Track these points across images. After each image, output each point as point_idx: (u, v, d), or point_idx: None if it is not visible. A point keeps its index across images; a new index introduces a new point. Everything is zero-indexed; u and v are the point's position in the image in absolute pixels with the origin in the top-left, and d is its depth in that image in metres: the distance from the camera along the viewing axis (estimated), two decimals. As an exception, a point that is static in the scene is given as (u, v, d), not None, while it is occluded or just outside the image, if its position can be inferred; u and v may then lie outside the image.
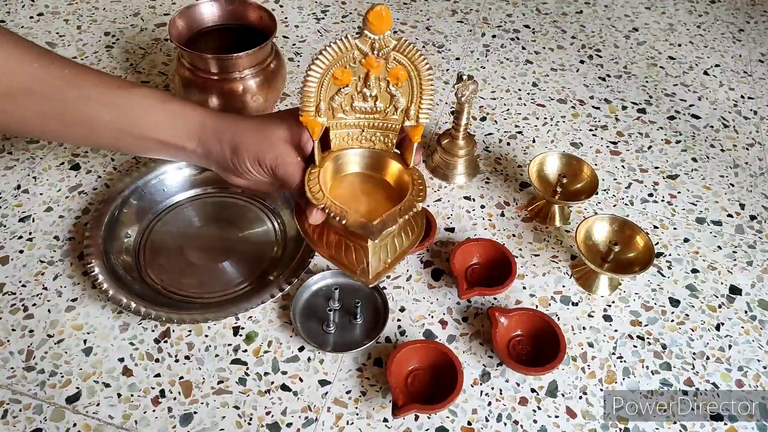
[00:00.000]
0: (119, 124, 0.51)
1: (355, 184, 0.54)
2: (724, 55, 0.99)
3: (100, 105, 0.51)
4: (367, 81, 0.49)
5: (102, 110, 0.51)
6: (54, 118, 0.50)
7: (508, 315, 0.58)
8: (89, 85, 0.51)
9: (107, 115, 0.51)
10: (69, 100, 0.50)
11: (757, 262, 0.69)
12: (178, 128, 0.52)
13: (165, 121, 0.52)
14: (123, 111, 0.51)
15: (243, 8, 0.74)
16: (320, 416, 0.54)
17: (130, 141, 0.53)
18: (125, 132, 0.52)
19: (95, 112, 0.51)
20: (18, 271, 0.62)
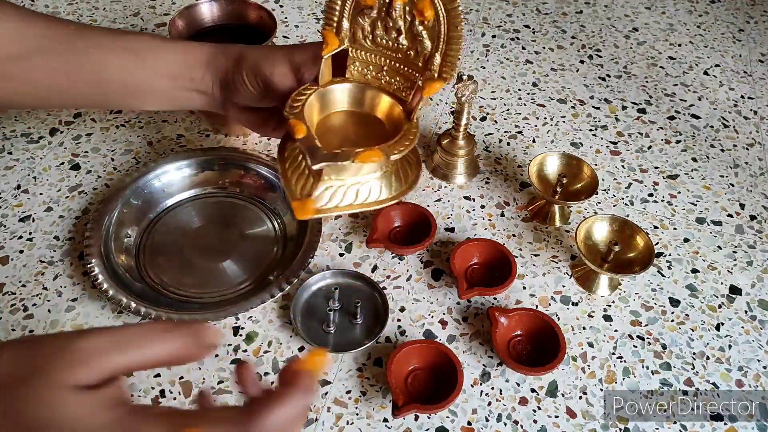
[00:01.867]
0: (129, 66, 0.52)
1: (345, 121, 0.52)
2: (724, 55, 0.99)
3: (108, 50, 0.51)
4: (391, 8, 0.46)
5: (110, 54, 0.51)
6: (62, 72, 0.50)
7: (508, 315, 0.58)
8: (96, 34, 0.51)
9: (116, 58, 0.51)
10: (77, 49, 0.50)
11: (757, 262, 0.69)
12: (188, 59, 0.53)
13: (174, 55, 0.53)
14: (132, 52, 0.52)
15: (243, 8, 0.74)
16: (320, 416, 0.54)
17: (140, 83, 0.53)
18: (135, 73, 0.52)
19: (104, 57, 0.51)
20: (18, 271, 0.62)
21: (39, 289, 0.61)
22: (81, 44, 0.50)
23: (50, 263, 0.63)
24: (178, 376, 0.55)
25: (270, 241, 0.66)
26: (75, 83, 0.51)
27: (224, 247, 0.65)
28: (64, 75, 0.50)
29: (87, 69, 0.51)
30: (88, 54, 0.50)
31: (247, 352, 0.57)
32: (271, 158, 0.71)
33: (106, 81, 0.52)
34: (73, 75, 0.51)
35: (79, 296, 0.60)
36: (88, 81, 0.52)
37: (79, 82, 0.51)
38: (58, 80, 0.50)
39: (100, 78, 0.51)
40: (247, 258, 0.64)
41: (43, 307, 0.59)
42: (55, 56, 0.49)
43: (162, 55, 0.52)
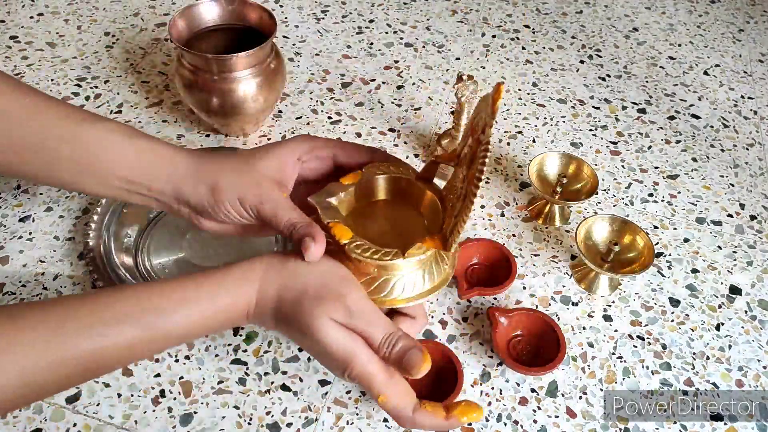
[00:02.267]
0: (82, 159, 0.48)
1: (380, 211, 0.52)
2: (724, 55, 0.99)
3: (61, 140, 0.47)
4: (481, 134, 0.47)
5: (62, 145, 0.47)
6: (12, 151, 0.47)
7: (508, 315, 0.58)
8: (51, 117, 0.47)
9: (68, 150, 0.47)
10: (27, 133, 0.46)
11: (757, 262, 0.69)
12: (145, 165, 0.48)
13: (131, 156, 0.48)
14: (85, 146, 0.47)
15: (243, 8, 0.74)
16: (320, 416, 0.54)
17: (92, 179, 0.49)
18: (87, 168, 0.48)
19: (55, 146, 0.47)
20: (18, 271, 0.62)
21: (39, 289, 0.61)
22: (32, 127, 0.47)
23: (50, 263, 0.63)
24: (178, 376, 0.55)
25: (270, 241, 0.66)
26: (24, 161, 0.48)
27: (224, 247, 0.65)
28: (15, 154, 0.47)
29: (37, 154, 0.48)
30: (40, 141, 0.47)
31: (247, 352, 0.57)
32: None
33: (56, 169, 0.48)
34: (22, 154, 0.48)
35: (79, 296, 0.60)
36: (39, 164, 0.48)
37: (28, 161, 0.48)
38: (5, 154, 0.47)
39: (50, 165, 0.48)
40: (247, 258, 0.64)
41: (43, 307, 0.59)
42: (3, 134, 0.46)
43: (117, 156, 0.48)
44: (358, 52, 0.93)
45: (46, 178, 0.49)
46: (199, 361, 0.56)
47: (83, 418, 0.52)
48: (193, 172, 0.48)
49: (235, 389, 0.55)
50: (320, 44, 0.94)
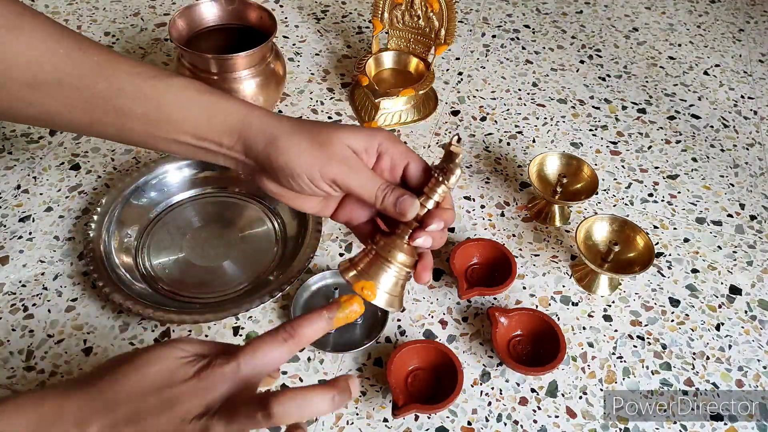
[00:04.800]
0: (152, 117, 0.47)
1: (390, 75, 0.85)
2: (724, 55, 0.99)
3: (131, 98, 0.46)
4: (413, 4, 0.79)
5: (134, 103, 0.46)
6: (82, 110, 0.47)
7: (508, 315, 0.58)
8: (121, 75, 0.46)
9: (139, 107, 0.47)
10: (98, 92, 0.46)
11: (757, 262, 0.69)
12: (216, 121, 0.47)
13: (203, 113, 0.47)
14: (156, 103, 0.47)
15: (243, 8, 0.74)
16: (320, 416, 0.54)
17: (163, 136, 0.48)
18: (158, 126, 0.47)
19: (126, 104, 0.46)
20: (18, 271, 0.62)
21: (39, 289, 0.61)
22: (102, 86, 0.46)
23: (50, 263, 0.63)
24: (178, 376, 0.55)
25: (270, 241, 0.66)
26: (95, 122, 0.48)
27: (224, 247, 0.65)
28: (84, 112, 0.47)
29: (108, 113, 0.47)
30: (110, 99, 0.46)
31: (247, 352, 0.57)
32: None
33: (128, 128, 0.48)
34: (93, 114, 0.47)
35: (79, 296, 0.60)
36: (109, 123, 0.48)
37: (99, 121, 0.48)
38: (77, 115, 0.47)
39: (122, 123, 0.47)
40: (247, 258, 0.64)
41: (43, 307, 0.59)
42: (73, 92, 0.46)
43: (188, 112, 0.47)
44: (358, 52, 0.93)
45: (118, 137, 0.49)
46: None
47: (83, 418, 0.52)
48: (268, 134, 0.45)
49: (235, 389, 0.55)
50: (320, 44, 0.94)
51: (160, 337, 0.58)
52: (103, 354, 0.56)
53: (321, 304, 0.59)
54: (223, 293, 0.61)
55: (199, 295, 0.61)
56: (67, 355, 0.56)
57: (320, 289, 0.62)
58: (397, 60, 0.85)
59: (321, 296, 0.61)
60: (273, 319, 0.60)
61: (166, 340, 0.39)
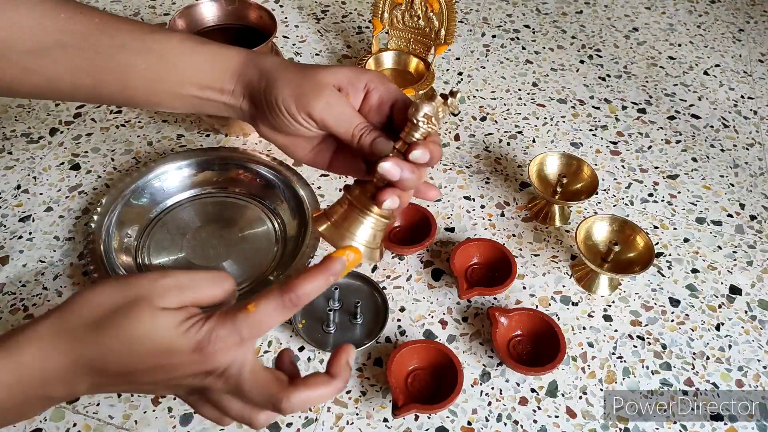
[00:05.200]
0: (156, 70, 0.48)
1: None
2: (724, 55, 0.99)
3: (134, 52, 0.47)
4: (413, 4, 0.79)
5: (137, 57, 0.47)
6: (86, 72, 0.47)
7: (508, 315, 0.58)
8: (122, 32, 0.47)
9: (143, 62, 0.47)
10: (101, 49, 0.46)
11: (757, 262, 0.69)
12: (218, 68, 0.48)
13: (205, 61, 0.48)
14: (159, 56, 0.48)
15: (243, 8, 0.74)
16: (320, 416, 0.54)
17: (167, 89, 0.49)
18: (162, 78, 0.48)
19: (130, 59, 0.47)
20: (18, 271, 0.62)
21: (39, 289, 0.61)
22: (105, 43, 0.47)
23: (50, 263, 0.63)
24: (178, 376, 0.55)
25: (270, 241, 0.66)
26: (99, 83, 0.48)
27: (224, 247, 0.65)
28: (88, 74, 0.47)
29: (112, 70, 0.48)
30: (113, 56, 0.47)
31: (247, 352, 0.57)
32: (271, 158, 0.71)
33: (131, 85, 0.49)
34: (97, 75, 0.47)
35: (79, 296, 0.60)
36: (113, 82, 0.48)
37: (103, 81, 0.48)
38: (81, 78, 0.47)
39: (125, 81, 0.48)
40: (247, 258, 0.64)
41: (43, 307, 0.59)
42: (77, 53, 0.46)
43: (191, 62, 0.48)
44: (358, 52, 0.93)
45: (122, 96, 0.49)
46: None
47: (83, 418, 0.52)
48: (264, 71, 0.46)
49: (235, 389, 0.55)
50: (320, 44, 0.94)
51: (160, 337, 0.58)
52: (103, 354, 0.56)
53: (321, 304, 0.60)
54: (223, 293, 0.61)
55: (199, 295, 0.61)
56: (67, 355, 0.56)
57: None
58: (397, 60, 0.85)
59: (321, 296, 0.61)
60: (273, 319, 0.60)
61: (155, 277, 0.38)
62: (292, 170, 0.70)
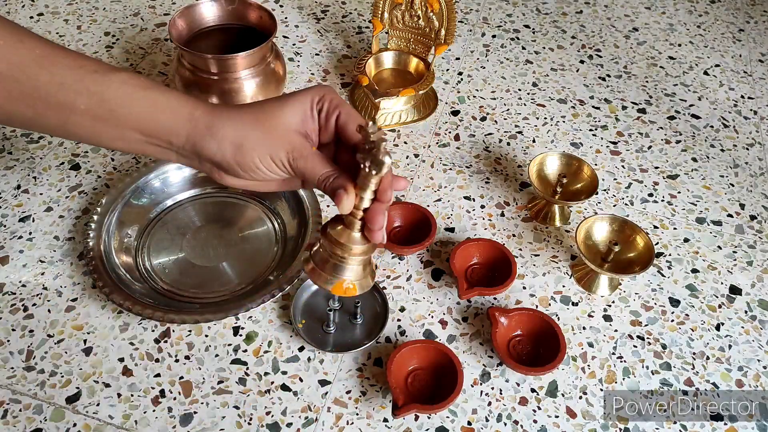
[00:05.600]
0: (96, 112, 0.46)
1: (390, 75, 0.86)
2: (724, 55, 0.99)
3: (74, 92, 0.45)
4: (413, 4, 0.79)
5: (77, 97, 0.45)
6: (24, 103, 0.45)
7: (508, 315, 0.58)
8: (62, 69, 0.45)
9: (82, 103, 0.45)
10: (41, 85, 0.45)
11: (757, 262, 0.69)
12: (162, 120, 0.46)
13: (146, 110, 0.46)
14: (99, 99, 0.46)
15: (243, 8, 0.74)
16: (320, 416, 0.54)
17: (110, 132, 0.47)
18: (103, 122, 0.46)
19: (69, 98, 0.45)
20: (18, 271, 0.62)
21: (39, 289, 0.61)
22: (44, 79, 0.45)
23: (50, 263, 0.63)
24: (178, 376, 0.55)
25: (270, 241, 0.66)
26: (38, 116, 0.46)
27: (224, 247, 0.65)
28: (27, 105, 0.46)
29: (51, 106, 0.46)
30: (52, 93, 0.45)
31: (247, 352, 0.57)
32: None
33: (72, 122, 0.47)
34: (36, 108, 0.46)
35: (79, 296, 0.60)
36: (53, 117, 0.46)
37: (42, 115, 0.46)
38: (19, 108, 0.46)
39: (65, 118, 0.46)
40: (247, 258, 0.64)
41: (43, 307, 0.59)
42: (15, 84, 0.45)
43: (131, 108, 0.46)
44: (358, 52, 0.93)
45: (63, 132, 0.48)
46: (199, 361, 0.56)
47: (83, 418, 0.52)
48: (216, 131, 0.46)
49: (235, 389, 0.55)
50: (320, 44, 0.94)
51: (160, 338, 0.58)
52: (104, 354, 0.56)
53: (321, 304, 0.60)
54: (223, 293, 0.61)
55: (199, 295, 0.61)
56: (67, 355, 0.56)
57: (320, 289, 0.62)
58: (397, 60, 0.86)
59: (321, 296, 0.61)
60: (273, 319, 0.60)
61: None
62: (292, 170, 0.70)
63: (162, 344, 0.57)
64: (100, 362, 0.56)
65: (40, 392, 0.54)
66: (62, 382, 0.54)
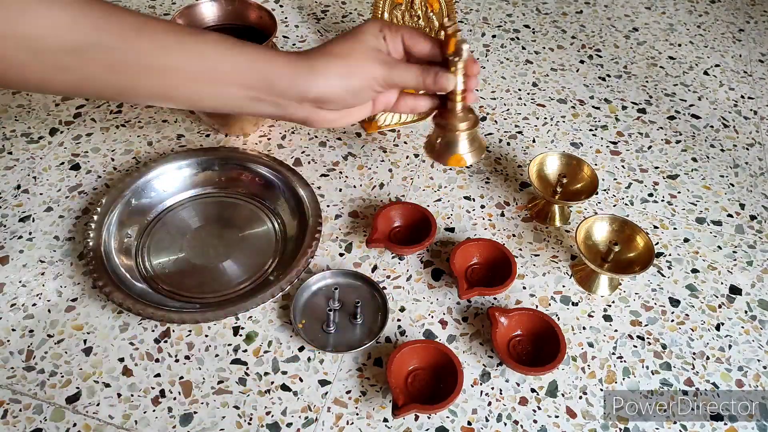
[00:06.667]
0: (198, 71, 0.48)
1: None
2: (724, 55, 0.99)
3: (175, 52, 0.47)
4: (413, 4, 0.77)
5: (179, 58, 0.47)
6: (126, 72, 0.46)
7: (508, 315, 0.58)
8: (160, 33, 0.46)
9: (184, 62, 0.47)
10: (141, 49, 0.46)
11: (757, 262, 0.69)
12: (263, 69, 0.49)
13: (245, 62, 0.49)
14: (200, 57, 0.47)
15: (243, 8, 0.74)
16: (320, 416, 0.54)
17: (210, 90, 0.49)
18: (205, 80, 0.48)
19: (172, 60, 0.47)
20: (18, 271, 0.62)
21: (39, 289, 0.61)
22: (144, 43, 0.46)
23: (50, 263, 0.63)
24: (178, 376, 0.55)
25: (270, 241, 0.66)
26: (137, 82, 0.47)
27: (224, 247, 0.65)
28: (127, 73, 0.46)
29: (153, 71, 0.47)
30: (153, 55, 0.46)
31: (247, 352, 0.57)
32: (270, 158, 0.71)
33: (173, 85, 0.48)
34: (136, 75, 0.47)
35: (79, 296, 0.60)
36: (154, 82, 0.47)
37: (143, 81, 0.47)
38: (119, 78, 0.46)
39: (166, 81, 0.48)
40: (247, 258, 0.64)
41: (43, 307, 0.59)
42: (115, 53, 0.45)
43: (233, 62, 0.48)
44: (358, 52, 0.93)
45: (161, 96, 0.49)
46: (199, 361, 0.56)
47: (83, 418, 0.52)
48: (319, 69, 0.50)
49: (235, 389, 0.55)
50: (320, 44, 0.94)
51: (160, 338, 0.58)
52: (104, 354, 0.56)
53: (321, 304, 0.60)
54: (223, 293, 0.61)
55: (199, 295, 0.61)
56: (67, 355, 0.56)
57: (320, 289, 0.62)
58: None
59: (321, 296, 0.61)
60: (273, 319, 0.60)
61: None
62: (292, 170, 0.70)
63: (162, 344, 0.57)
64: (100, 362, 0.56)
65: (40, 392, 0.54)
66: (62, 382, 0.54)
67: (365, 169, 0.75)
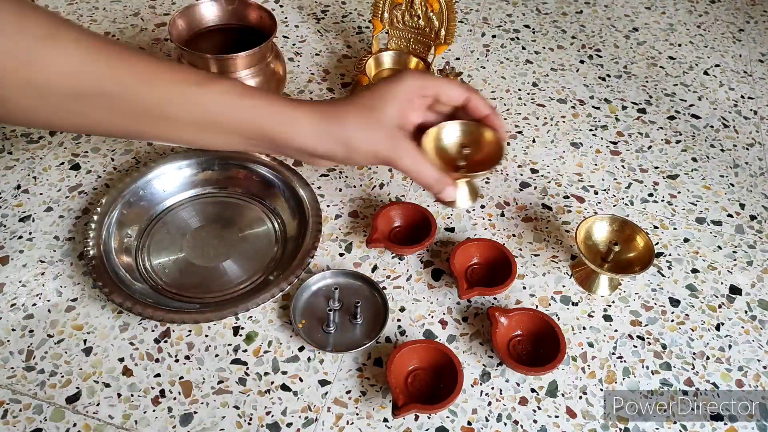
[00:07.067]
0: (200, 122, 0.49)
1: None
2: (724, 55, 0.99)
3: (178, 105, 0.48)
4: (413, 4, 0.78)
5: (181, 110, 0.48)
6: (131, 118, 0.48)
7: (508, 315, 0.58)
8: (166, 85, 0.48)
9: (187, 115, 0.49)
10: (147, 101, 0.47)
11: (757, 262, 0.69)
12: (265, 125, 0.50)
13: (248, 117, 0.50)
14: (203, 109, 0.49)
15: (243, 8, 0.74)
16: (320, 416, 0.54)
17: (211, 137, 0.51)
18: (206, 129, 0.50)
19: (174, 112, 0.48)
20: (18, 271, 0.62)
21: (39, 289, 0.61)
22: (148, 94, 0.47)
23: (50, 263, 0.63)
24: (178, 376, 0.55)
25: (270, 241, 0.66)
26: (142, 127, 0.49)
27: (224, 247, 0.65)
28: (131, 119, 0.48)
29: (156, 119, 0.48)
30: (156, 106, 0.48)
31: (247, 352, 0.57)
32: (271, 158, 0.71)
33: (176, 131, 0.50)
34: (140, 121, 0.48)
35: (79, 296, 0.60)
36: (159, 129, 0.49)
37: (146, 127, 0.49)
38: (125, 122, 0.48)
39: (170, 128, 0.49)
40: (247, 258, 0.64)
41: (43, 307, 0.59)
42: (120, 101, 0.46)
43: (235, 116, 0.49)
44: (358, 52, 0.93)
45: (166, 139, 0.51)
46: (199, 361, 0.56)
47: (83, 418, 0.52)
48: (323, 134, 0.50)
49: (235, 389, 0.55)
50: (320, 44, 0.94)
51: (160, 338, 0.58)
52: (104, 354, 0.56)
53: (321, 304, 0.60)
54: (223, 293, 0.61)
55: (199, 295, 0.61)
56: (67, 355, 0.56)
57: (320, 289, 0.62)
58: (397, 60, 0.85)
59: (321, 296, 0.61)
60: (273, 318, 0.60)
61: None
62: (292, 170, 0.70)
63: (162, 344, 0.57)
64: (100, 362, 0.56)
65: (40, 392, 0.54)
66: (62, 382, 0.54)
67: (365, 169, 0.75)
